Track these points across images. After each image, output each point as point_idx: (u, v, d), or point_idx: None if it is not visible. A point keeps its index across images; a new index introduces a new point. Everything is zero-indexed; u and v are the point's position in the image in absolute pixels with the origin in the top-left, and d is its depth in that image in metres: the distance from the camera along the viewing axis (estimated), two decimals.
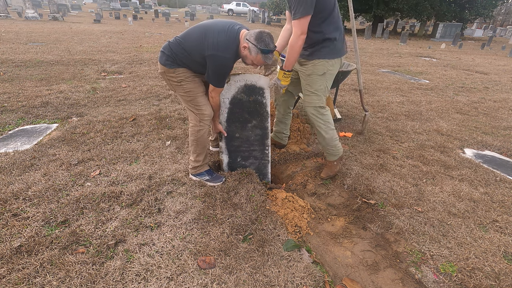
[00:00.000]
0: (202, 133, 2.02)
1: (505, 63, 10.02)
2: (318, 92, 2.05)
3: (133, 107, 3.67)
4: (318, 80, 2.02)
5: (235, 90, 2.04)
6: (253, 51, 1.70)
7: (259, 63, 1.77)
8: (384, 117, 3.87)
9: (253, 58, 1.74)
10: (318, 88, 2.04)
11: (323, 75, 1.99)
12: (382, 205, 2.08)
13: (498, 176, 2.55)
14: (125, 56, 6.92)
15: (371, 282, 1.51)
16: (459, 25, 19.86)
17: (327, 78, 2.04)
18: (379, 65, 8.04)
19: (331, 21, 1.87)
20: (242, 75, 2.01)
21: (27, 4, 17.80)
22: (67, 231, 1.63)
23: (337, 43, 1.95)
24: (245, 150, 2.25)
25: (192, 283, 1.39)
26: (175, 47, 1.82)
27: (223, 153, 2.24)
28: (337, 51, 1.97)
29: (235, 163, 2.28)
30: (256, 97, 2.08)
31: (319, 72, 1.97)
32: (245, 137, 2.20)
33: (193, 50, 1.76)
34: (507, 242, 1.78)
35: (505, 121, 4.02)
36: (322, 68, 1.96)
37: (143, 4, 37.55)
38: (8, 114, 3.19)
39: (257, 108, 2.12)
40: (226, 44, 1.70)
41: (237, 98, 2.07)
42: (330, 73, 2.02)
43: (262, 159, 2.29)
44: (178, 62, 1.84)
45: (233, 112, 2.11)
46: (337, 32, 1.93)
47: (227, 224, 1.76)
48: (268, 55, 1.71)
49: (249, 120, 2.15)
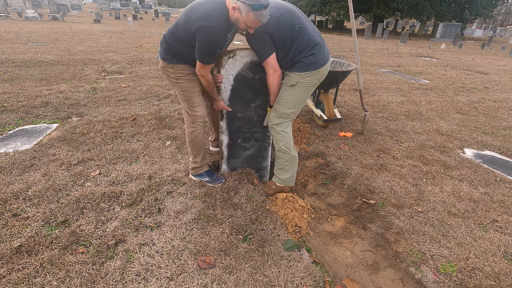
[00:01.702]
0: (196, 134, 2.00)
1: (505, 63, 10.02)
2: (282, 101, 1.90)
3: (133, 107, 3.67)
4: (285, 90, 1.88)
5: (240, 67, 1.92)
6: (243, 10, 1.51)
7: (254, 24, 1.56)
8: (384, 117, 3.87)
9: (245, 19, 1.54)
10: (284, 97, 1.89)
11: (292, 86, 1.85)
12: (382, 205, 2.08)
13: (498, 176, 2.55)
14: (125, 56, 6.92)
15: (371, 282, 1.51)
16: (459, 25, 19.87)
17: (298, 91, 1.87)
18: (379, 65, 8.04)
19: (296, 47, 1.76)
20: (249, 50, 1.86)
21: (27, 4, 17.81)
22: (67, 231, 1.63)
23: (311, 59, 1.80)
24: (247, 131, 2.16)
25: (192, 283, 1.39)
26: (169, 38, 1.76)
27: (223, 133, 2.14)
28: (309, 65, 1.80)
29: (235, 144, 2.20)
30: (262, 75, 1.95)
31: (289, 82, 1.85)
32: (247, 117, 2.11)
33: (185, 35, 1.66)
34: (507, 242, 1.78)
35: (505, 121, 4.02)
36: (293, 79, 1.83)
37: (143, 4, 37.56)
38: (8, 114, 3.19)
39: (263, 87, 2.00)
40: (211, 12, 1.55)
41: (242, 75, 1.95)
42: (301, 85, 1.85)
43: (263, 141, 2.21)
44: (177, 56, 1.78)
45: (236, 90, 1.99)
46: (306, 51, 1.78)
47: (227, 224, 1.76)
48: (261, 11, 1.51)
49: (253, 100, 2.05)
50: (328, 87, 3.35)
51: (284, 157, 2.02)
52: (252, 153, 2.24)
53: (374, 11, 20.64)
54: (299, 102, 1.91)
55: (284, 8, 1.73)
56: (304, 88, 1.87)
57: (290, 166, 2.04)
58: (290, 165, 2.04)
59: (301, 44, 1.75)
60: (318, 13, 23.98)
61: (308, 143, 2.96)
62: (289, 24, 1.71)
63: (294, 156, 2.02)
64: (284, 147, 1.98)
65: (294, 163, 2.05)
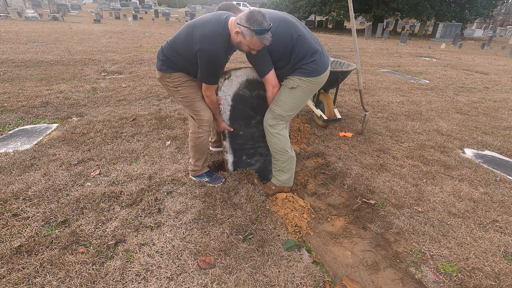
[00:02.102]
0: (201, 140, 1.99)
1: (505, 63, 10.02)
2: (279, 102, 1.89)
3: (133, 107, 3.67)
4: (284, 92, 1.88)
5: (236, 86, 1.96)
6: (247, 35, 1.55)
7: (257, 46, 1.61)
8: (384, 117, 3.87)
9: (249, 42, 1.59)
10: (282, 98, 1.88)
11: (292, 89, 1.85)
12: (382, 205, 2.08)
13: (498, 176, 2.55)
14: (125, 56, 6.92)
15: (371, 282, 1.51)
16: (459, 25, 19.86)
17: (297, 94, 1.87)
18: (379, 65, 8.04)
19: (296, 56, 1.77)
20: (244, 69, 1.93)
21: (27, 4, 17.81)
22: (67, 231, 1.63)
23: (311, 65, 1.80)
24: (250, 148, 2.19)
25: (192, 283, 1.39)
26: (167, 51, 1.77)
27: (227, 153, 2.17)
28: (310, 72, 1.81)
29: (241, 161, 2.22)
30: (259, 92, 2.00)
31: (289, 85, 1.86)
32: (249, 134, 2.14)
33: (184, 51, 1.70)
34: (507, 242, 1.78)
35: (505, 121, 4.02)
36: (293, 82, 1.84)
37: (143, 4, 37.56)
38: (8, 114, 3.19)
39: (261, 104, 2.04)
40: (214, 35, 1.59)
41: (239, 95, 1.99)
42: (301, 89, 1.85)
43: (267, 155, 2.24)
44: (173, 67, 1.79)
45: (236, 109, 2.03)
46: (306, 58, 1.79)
47: (227, 224, 1.76)
48: (264, 35, 1.55)
49: (253, 117, 2.08)
50: (328, 87, 3.35)
51: (281, 159, 2.01)
52: (257, 168, 2.28)
53: (374, 11, 20.64)
54: (296, 105, 1.92)
55: (281, 19, 1.74)
56: (303, 92, 1.88)
57: (289, 167, 2.04)
58: (289, 165, 2.04)
59: (301, 51, 1.77)
60: (318, 13, 23.96)
61: (308, 143, 2.96)
62: (287, 33, 1.72)
63: (292, 157, 2.02)
64: (280, 148, 1.98)
65: (292, 164, 2.04)
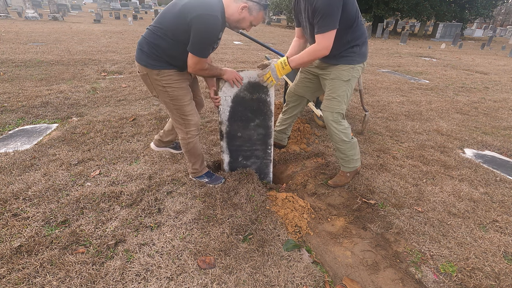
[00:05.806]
0: (192, 144, 1.94)
1: (505, 63, 10.02)
2: (339, 98, 1.96)
3: (133, 107, 3.67)
4: (341, 86, 1.94)
5: (237, 88, 1.98)
6: (254, 10, 1.54)
7: (258, 22, 1.61)
8: (384, 117, 3.87)
9: (253, 18, 1.57)
10: (341, 94, 1.96)
11: (348, 81, 1.92)
12: (382, 205, 2.08)
13: (498, 176, 2.55)
14: (125, 56, 6.92)
15: (371, 282, 1.51)
16: (459, 25, 19.88)
17: (351, 85, 1.97)
18: (379, 65, 8.04)
19: (355, 28, 1.80)
20: (246, 71, 1.94)
21: (27, 4, 17.80)
22: (67, 231, 1.63)
23: (362, 48, 1.89)
24: (247, 150, 2.21)
25: (192, 283, 1.39)
26: (153, 37, 1.60)
27: (224, 153, 2.19)
28: (362, 55, 1.91)
29: (236, 162, 2.25)
30: (260, 95, 2.02)
31: (344, 77, 1.89)
32: (247, 136, 2.16)
33: (175, 28, 1.54)
34: (507, 242, 1.78)
35: (505, 121, 4.02)
36: (347, 74, 1.89)
37: (143, 4, 37.56)
38: (8, 114, 3.19)
39: (261, 107, 2.06)
40: (210, 3, 1.49)
41: (239, 96, 2.00)
42: (354, 79, 1.96)
43: (264, 158, 2.26)
44: (163, 58, 1.63)
45: (235, 111, 2.05)
46: (362, 38, 1.88)
47: (227, 224, 1.76)
48: (266, 10, 1.59)
49: (252, 119, 2.10)
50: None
51: (346, 147, 2.10)
52: (253, 170, 2.28)
53: (374, 11, 20.63)
54: (350, 95, 2.02)
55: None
56: (354, 81, 1.97)
57: (354, 151, 2.16)
58: (354, 150, 2.15)
59: (359, 28, 1.81)
60: None
61: (308, 143, 2.96)
62: (355, 2, 1.76)
63: (354, 142, 2.13)
64: (346, 138, 2.08)
65: (356, 147, 2.17)
